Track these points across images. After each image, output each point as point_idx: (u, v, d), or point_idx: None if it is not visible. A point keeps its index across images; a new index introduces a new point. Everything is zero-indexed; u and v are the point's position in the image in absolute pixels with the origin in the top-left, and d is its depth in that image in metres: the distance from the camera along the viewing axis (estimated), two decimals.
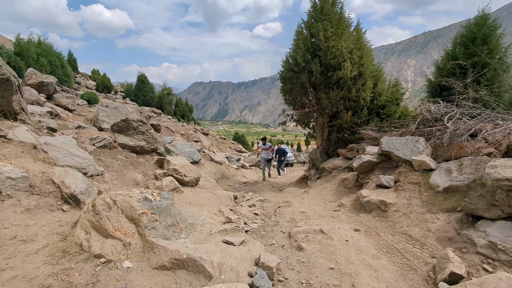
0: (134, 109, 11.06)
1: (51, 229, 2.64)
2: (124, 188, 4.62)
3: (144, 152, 6.98)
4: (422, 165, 4.17)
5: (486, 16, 6.46)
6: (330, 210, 4.60)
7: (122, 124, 6.89)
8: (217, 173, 8.93)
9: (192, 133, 13.54)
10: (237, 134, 47.03)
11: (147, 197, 2.89)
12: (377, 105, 7.12)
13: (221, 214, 4.62)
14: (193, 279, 2.29)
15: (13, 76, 4.66)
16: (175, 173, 5.73)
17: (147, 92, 17.58)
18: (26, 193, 3.00)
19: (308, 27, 7.41)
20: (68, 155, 4.10)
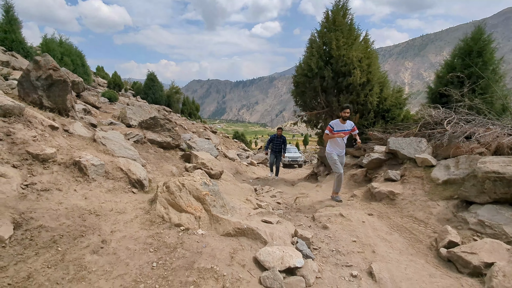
0: (150, 107, 11.67)
1: (134, 205, 3.30)
2: (164, 178, 5.28)
3: (170, 148, 7.63)
4: (424, 162, 4.89)
5: (481, 31, 7.20)
6: (344, 200, 5.31)
7: (150, 121, 7.53)
8: (232, 168, 9.60)
9: (202, 131, 14.20)
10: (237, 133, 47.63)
11: (206, 182, 3.56)
12: (382, 108, 7.84)
13: (250, 202, 5.30)
14: (252, 243, 2.97)
15: (68, 78, 5.29)
16: (203, 166, 6.39)
17: (156, 90, 18.18)
18: (103, 177, 3.65)
19: (321, 36, 8.11)
20: (122, 148, 4.75)
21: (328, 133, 5.10)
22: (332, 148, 5.18)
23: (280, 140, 9.08)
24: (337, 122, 5.13)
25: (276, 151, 9.20)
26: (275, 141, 9.10)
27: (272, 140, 9.21)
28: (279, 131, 9.18)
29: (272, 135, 9.24)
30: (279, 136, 9.08)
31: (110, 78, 17.86)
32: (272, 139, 9.18)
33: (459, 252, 2.71)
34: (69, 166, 3.44)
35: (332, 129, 5.07)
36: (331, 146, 5.20)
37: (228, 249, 2.78)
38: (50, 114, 4.78)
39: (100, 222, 2.78)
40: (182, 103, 21.10)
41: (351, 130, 5.23)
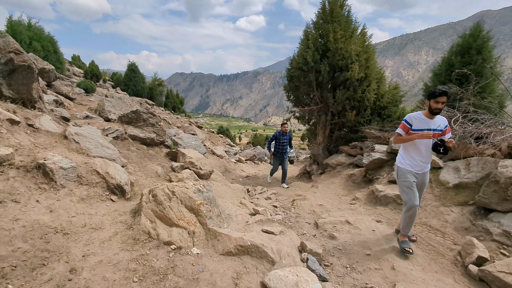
0: (132, 99, 10.84)
1: (113, 218, 2.73)
2: (149, 179, 4.69)
3: (154, 144, 6.98)
4: (431, 163, 4.59)
5: (480, 28, 7.04)
6: (346, 203, 4.95)
7: (132, 115, 6.83)
8: (221, 166, 9.07)
9: (187, 126, 13.50)
10: (221, 127, 46.79)
11: (199, 189, 3.04)
12: (379, 105, 7.56)
13: (244, 206, 4.83)
14: (258, 263, 2.51)
15: (34, 63, 4.54)
16: (191, 166, 5.83)
17: (137, 82, 17.14)
18: (75, 183, 3.05)
19: (317, 28, 7.67)
20: (99, 146, 4.11)
21: (401, 133, 3.01)
22: (408, 161, 3.06)
23: (286, 139, 7.12)
24: (419, 115, 2.97)
25: (281, 153, 7.17)
26: (280, 140, 7.07)
27: (275, 138, 7.13)
28: (284, 127, 7.05)
29: (275, 132, 7.21)
30: (284, 133, 7.07)
31: (87, 68, 16.62)
32: (276, 137, 7.10)
33: (495, 272, 2.38)
34: (30, 170, 2.81)
35: (408, 127, 2.96)
36: (406, 156, 3.09)
37: (230, 273, 2.30)
38: (11, 106, 4.05)
39: (69, 244, 2.21)
40: (166, 96, 20.12)
41: (443, 131, 2.95)
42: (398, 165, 3.16)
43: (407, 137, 2.96)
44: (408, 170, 3.04)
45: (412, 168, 3.04)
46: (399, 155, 3.20)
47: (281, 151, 7.13)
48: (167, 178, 5.08)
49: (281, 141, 7.06)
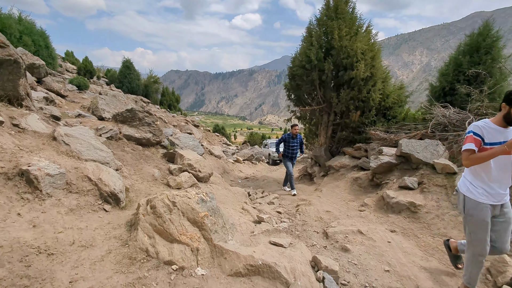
0: (126, 97, 10.45)
1: (106, 233, 2.42)
2: (145, 184, 4.37)
3: (150, 145, 6.65)
4: (445, 168, 4.36)
5: (489, 27, 6.83)
6: (355, 209, 4.70)
7: (127, 114, 6.48)
8: (219, 167, 8.77)
9: (184, 124, 13.14)
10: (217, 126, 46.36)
11: (203, 198, 2.74)
12: (384, 106, 7.33)
13: (247, 213, 4.55)
14: (270, 286, 2.23)
15: (21, 58, 4.18)
16: (190, 168, 5.52)
17: (132, 79, 16.66)
18: (64, 191, 2.72)
19: (321, 25, 7.39)
20: (91, 148, 3.78)
21: (473, 148, 2.15)
22: (481, 189, 2.24)
23: (297, 142, 6.29)
24: (488, 125, 2.19)
25: (291, 158, 6.39)
26: (289, 143, 6.26)
27: (284, 141, 6.33)
28: (294, 130, 6.21)
29: (284, 134, 6.44)
30: (294, 136, 6.23)
31: (80, 64, 16.11)
32: (284, 140, 6.30)
33: None
34: (12, 177, 2.48)
35: (480, 140, 2.16)
36: (478, 181, 2.26)
37: None
38: None
39: (54, 267, 1.90)
40: (161, 94, 19.68)
41: None
42: (467, 195, 2.29)
43: (488, 153, 2.07)
44: (482, 203, 2.21)
45: (487, 199, 2.21)
46: (466, 181, 2.35)
47: (291, 156, 6.33)
48: (164, 182, 4.76)
49: (290, 145, 6.23)
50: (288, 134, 6.33)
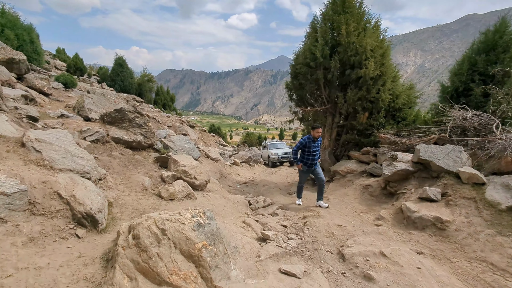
0: (117, 96, 9.83)
1: (73, 272, 1.87)
2: (133, 195, 3.81)
3: (141, 148, 6.08)
4: (472, 178, 3.89)
5: (506, 24, 6.40)
6: (370, 223, 4.19)
7: (116, 114, 5.90)
8: (216, 172, 8.22)
9: (178, 125, 12.56)
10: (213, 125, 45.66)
11: (200, 222, 2.20)
12: (393, 107, 6.87)
13: (250, 228, 4.02)
14: None
15: None
16: (184, 175, 4.97)
17: (125, 77, 15.99)
18: (25, 213, 2.16)
19: (327, 20, 6.89)
20: (68, 156, 3.21)
21: None
22: None
23: (318, 146, 5.20)
24: None
25: (311, 164, 5.19)
26: (309, 148, 5.09)
27: (304, 145, 5.13)
28: (317, 132, 5.03)
29: (303, 137, 5.35)
30: (315, 139, 5.11)
31: (70, 61, 15.41)
32: (304, 144, 5.12)
33: None
34: None
35: None
36: None
37: None
38: None
39: None
40: (156, 93, 19.01)
41: None
42: None
43: None
44: None
45: None
46: None
47: (311, 163, 5.16)
48: (155, 192, 4.20)
49: (311, 150, 5.08)
50: (308, 137, 5.14)
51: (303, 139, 5.19)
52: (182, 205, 4.09)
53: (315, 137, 5.08)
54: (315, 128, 5.06)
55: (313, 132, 5.08)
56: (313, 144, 5.09)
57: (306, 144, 5.10)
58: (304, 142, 5.12)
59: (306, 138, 5.14)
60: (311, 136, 5.11)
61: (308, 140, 5.09)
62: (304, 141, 5.12)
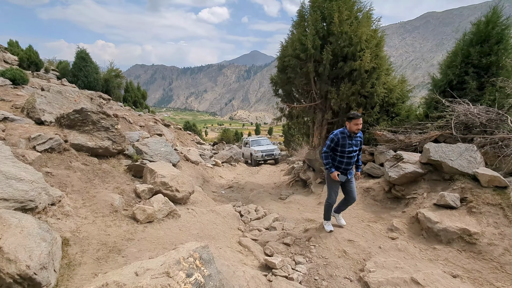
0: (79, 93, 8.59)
1: None
2: (99, 222, 2.97)
3: (109, 155, 5.15)
4: (493, 181, 3.50)
5: (497, 14, 6.20)
6: (383, 236, 3.69)
7: (76, 116, 4.91)
8: (198, 177, 7.41)
9: (152, 124, 11.46)
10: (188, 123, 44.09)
11: (200, 283, 1.49)
12: (388, 102, 6.48)
13: (249, 252, 3.35)
14: None
15: None
16: (164, 188, 4.16)
17: (90, 72, 14.41)
18: None
19: (317, 7, 6.29)
20: (1, 180, 2.32)
21: None
22: None
23: (357, 143, 3.64)
24: None
25: (345, 170, 3.68)
26: (344, 147, 3.57)
27: (336, 143, 3.59)
28: (355, 124, 3.45)
29: (334, 132, 3.66)
30: (353, 135, 3.57)
31: (23, 54, 13.57)
32: (337, 141, 3.57)
33: None
34: None
35: None
36: None
37: None
38: None
39: None
40: (125, 90, 17.50)
41: None
42: None
43: None
44: None
45: None
46: None
47: (345, 168, 3.62)
48: (129, 214, 3.37)
49: (345, 150, 3.54)
50: (342, 131, 3.55)
51: (334, 134, 3.57)
52: (164, 228, 3.31)
53: (352, 132, 3.46)
54: (353, 118, 3.40)
55: (349, 125, 3.47)
56: (349, 142, 3.50)
57: (338, 141, 3.51)
58: (336, 138, 3.52)
59: (339, 132, 3.55)
60: (346, 129, 3.52)
61: (342, 136, 3.51)
62: (336, 137, 3.53)
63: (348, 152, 3.56)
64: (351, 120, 3.47)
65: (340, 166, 3.63)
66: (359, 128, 3.48)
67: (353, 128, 3.46)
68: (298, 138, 16.09)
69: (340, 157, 3.60)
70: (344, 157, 3.59)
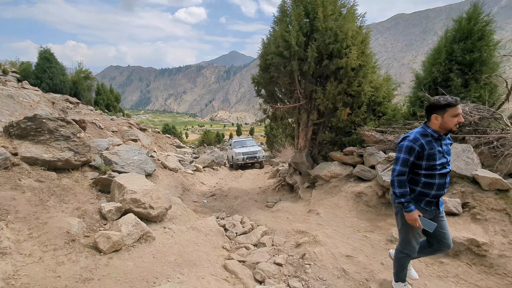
0: (41, 97, 7.72)
1: None
2: (47, 258, 2.38)
3: (71, 168, 4.50)
4: (495, 184, 3.28)
5: (478, 10, 6.16)
6: (383, 249, 3.36)
7: (29, 124, 4.22)
8: (177, 186, 6.83)
9: (126, 129, 10.68)
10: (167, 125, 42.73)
11: None
12: (374, 101, 6.25)
13: (236, 279, 2.89)
14: None
15: None
16: (135, 205, 3.61)
17: (55, 74, 13.27)
18: None
19: (298, 2, 5.94)
20: None
21: None
22: None
23: (449, 150, 2.26)
24: None
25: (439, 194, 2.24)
26: (433, 157, 2.13)
27: (418, 154, 2.13)
28: (455, 115, 2.04)
29: (412, 133, 2.21)
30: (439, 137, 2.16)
31: None
32: (421, 148, 2.12)
33: None
34: None
35: None
36: None
37: None
38: None
39: None
40: (96, 92, 16.39)
41: None
42: None
43: None
44: None
45: None
46: None
47: (437, 194, 2.22)
48: (90, 243, 2.80)
49: (436, 161, 2.15)
50: (424, 131, 2.18)
51: (411, 140, 2.16)
52: (134, 258, 2.78)
53: (447, 129, 2.11)
54: (450, 105, 2.05)
55: (440, 119, 2.09)
56: (439, 149, 2.15)
57: (422, 150, 2.13)
58: (418, 145, 2.13)
59: (419, 135, 2.16)
60: (429, 129, 2.16)
61: (426, 140, 2.13)
62: (418, 144, 2.13)
63: (440, 166, 2.15)
64: (446, 109, 2.05)
65: (427, 193, 2.20)
66: (461, 122, 2.09)
67: (449, 124, 2.06)
68: (281, 139, 15.80)
69: (426, 178, 2.18)
70: (434, 177, 2.16)
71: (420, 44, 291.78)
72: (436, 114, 2.10)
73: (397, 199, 2.22)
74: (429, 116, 2.17)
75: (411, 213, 2.17)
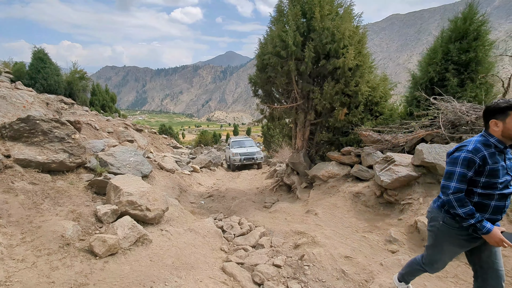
0: (35, 97, 7.61)
1: None
2: (41, 263, 2.33)
3: (65, 170, 4.43)
4: None
5: (474, 10, 6.19)
6: (382, 249, 3.36)
7: (22, 126, 4.15)
8: (174, 187, 6.76)
9: (122, 130, 10.59)
10: (163, 125, 42.55)
11: None
12: (371, 101, 6.25)
13: (235, 281, 2.85)
14: None
15: None
16: (132, 207, 3.56)
17: (49, 74, 13.12)
18: None
19: (294, 1, 5.92)
20: None
21: None
22: None
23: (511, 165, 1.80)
24: None
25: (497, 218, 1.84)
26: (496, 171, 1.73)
27: (481, 167, 1.74)
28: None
29: (470, 144, 1.78)
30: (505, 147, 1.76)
31: None
32: (481, 162, 1.73)
33: None
34: None
35: None
36: None
37: None
38: None
39: None
40: (92, 93, 16.23)
41: None
42: None
43: None
44: None
45: None
46: None
47: (494, 217, 1.83)
48: (85, 247, 2.75)
49: (499, 178, 1.75)
50: (485, 141, 1.79)
51: (470, 151, 1.77)
52: (131, 262, 2.73)
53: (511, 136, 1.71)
54: (502, 109, 1.72)
55: (503, 126, 1.73)
56: (502, 164, 1.76)
57: (484, 163, 1.75)
58: (479, 158, 1.75)
59: (480, 145, 1.78)
60: (494, 138, 1.77)
61: (489, 152, 1.75)
62: (479, 155, 1.75)
63: (501, 185, 1.77)
64: (507, 112, 1.70)
65: (487, 210, 1.83)
66: None
67: (504, 133, 1.73)
68: (278, 139, 15.79)
69: (481, 198, 1.82)
70: (492, 198, 1.79)
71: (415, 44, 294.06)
72: (495, 119, 1.74)
73: (464, 222, 1.78)
74: (487, 123, 1.80)
75: (491, 233, 1.71)
